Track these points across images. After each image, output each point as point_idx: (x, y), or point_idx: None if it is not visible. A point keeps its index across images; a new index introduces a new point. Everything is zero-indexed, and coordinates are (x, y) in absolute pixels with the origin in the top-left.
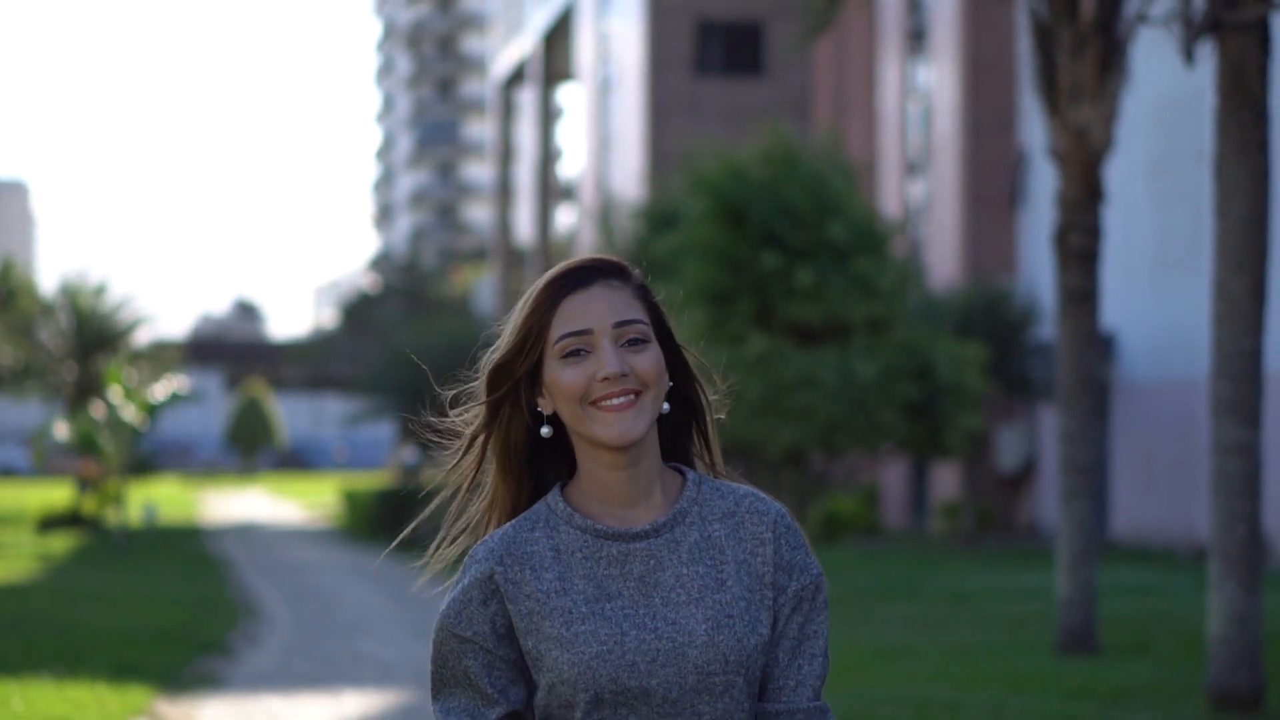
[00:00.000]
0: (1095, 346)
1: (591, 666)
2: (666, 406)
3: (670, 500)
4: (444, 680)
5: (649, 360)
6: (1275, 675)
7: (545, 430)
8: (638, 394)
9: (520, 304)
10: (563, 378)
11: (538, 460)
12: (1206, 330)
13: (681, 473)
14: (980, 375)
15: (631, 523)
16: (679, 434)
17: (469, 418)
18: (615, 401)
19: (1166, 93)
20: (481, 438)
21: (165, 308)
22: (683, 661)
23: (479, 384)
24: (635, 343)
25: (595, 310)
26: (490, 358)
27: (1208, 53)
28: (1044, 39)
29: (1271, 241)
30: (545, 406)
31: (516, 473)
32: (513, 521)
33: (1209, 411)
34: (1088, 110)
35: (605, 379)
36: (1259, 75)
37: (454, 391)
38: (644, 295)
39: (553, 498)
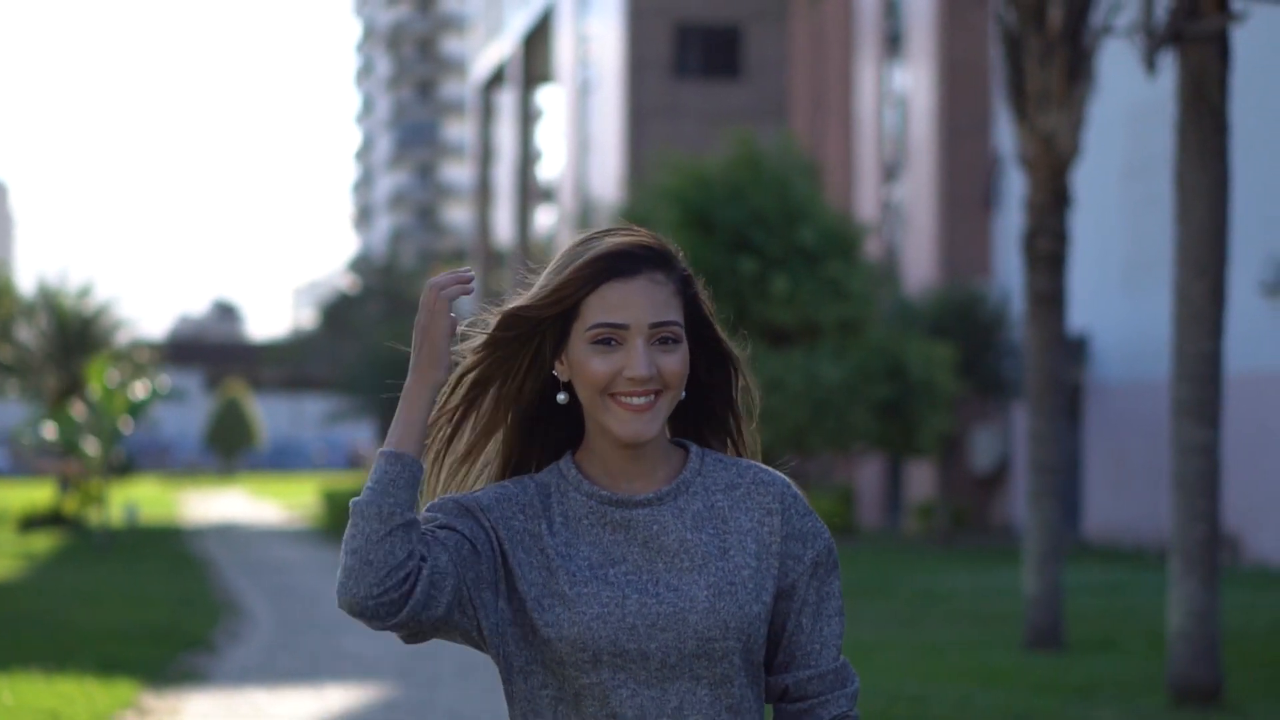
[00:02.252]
0: (1063, 348)
1: (591, 627)
2: (683, 394)
3: (673, 473)
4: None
5: (676, 362)
6: (1234, 669)
7: (561, 397)
8: (658, 394)
9: (559, 263)
10: (590, 364)
11: (544, 421)
12: None
13: (685, 448)
14: (951, 375)
15: (636, 492)
16: (693, 416)
17: (466, 350)
18: (636, 401)
19: (1138, 99)
20: (471, 375)
21: (144, 308)
22: (683, 626)
23: (490, 319)
24: (665, 342)
25: (636, 306)
26: (511, 302)
27: (1170, 63)
28: (1013, 47)
29: (1230, 247)
30: (563, 373)
31: (524, 427)
32: (531, 477)
33: (1170, 413)
34: (1055, 117)
35: (632, 379)
36: (1219, 85)
37: (468, 322)
38: (685, 288)
39: (564, 463)
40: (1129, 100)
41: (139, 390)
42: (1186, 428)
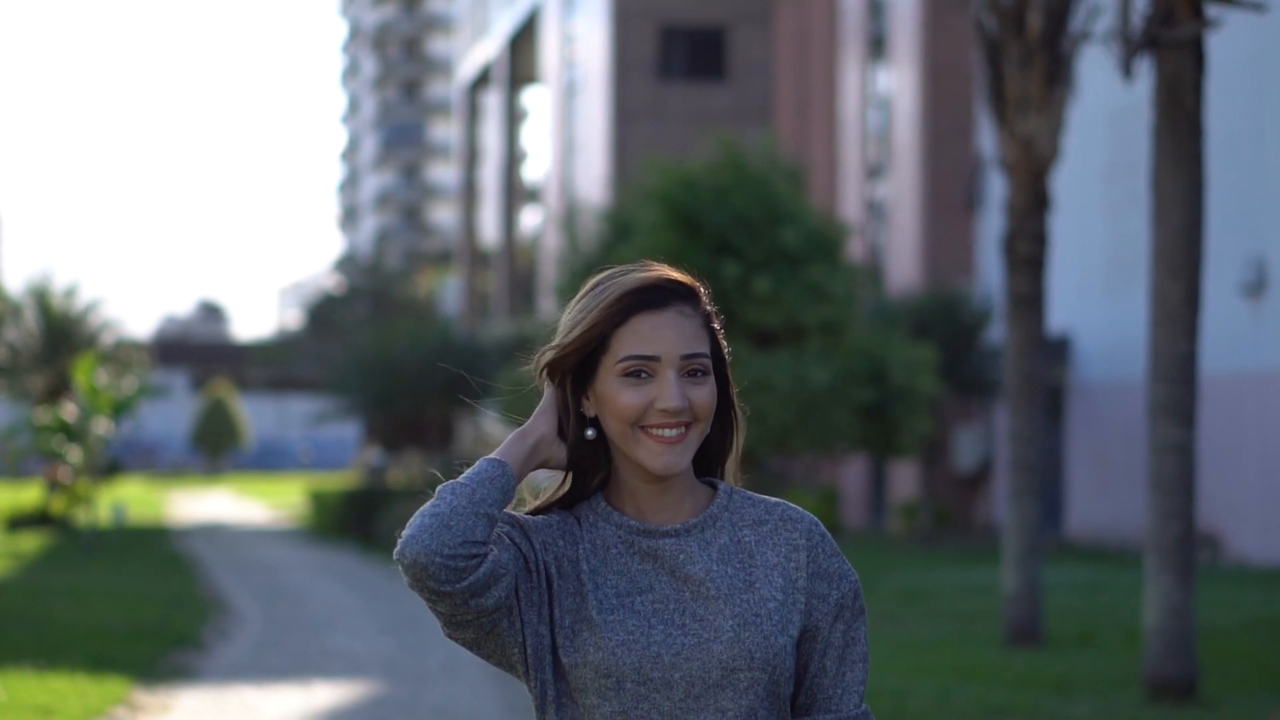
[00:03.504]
0: (1042, 349)
1: (615, 654)
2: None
3: (701, 507)
4: None
5: (706, 394)
6: (1210, 665)
7: (590, 433)
8: (688, 426)
9: (584, 300)
10: (621, 398)
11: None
12: None
13: (714, 486)
14: (933, 378)
15: (663, 523)
16: (713, 451)
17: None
18: (668, 433)
19: (1120, 102)
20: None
21: (129, 308)
22: (707, 656)
23: (535, 375)
24: (695, 374)
25: (666, 338)
26: (545, 353)
27: (1147, 68)
28: (993, 52)
29: (1210, 249)
30: (589, 410)
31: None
32: (567, 510)
33: (1145, 412)
34: (1035, 121)
35: (664, 410)
36: (1194, 91)
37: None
38: (708, 322)
39: (594, 500)
40: (1111, 103)
41: (126, 388)
42: (1162, 427)
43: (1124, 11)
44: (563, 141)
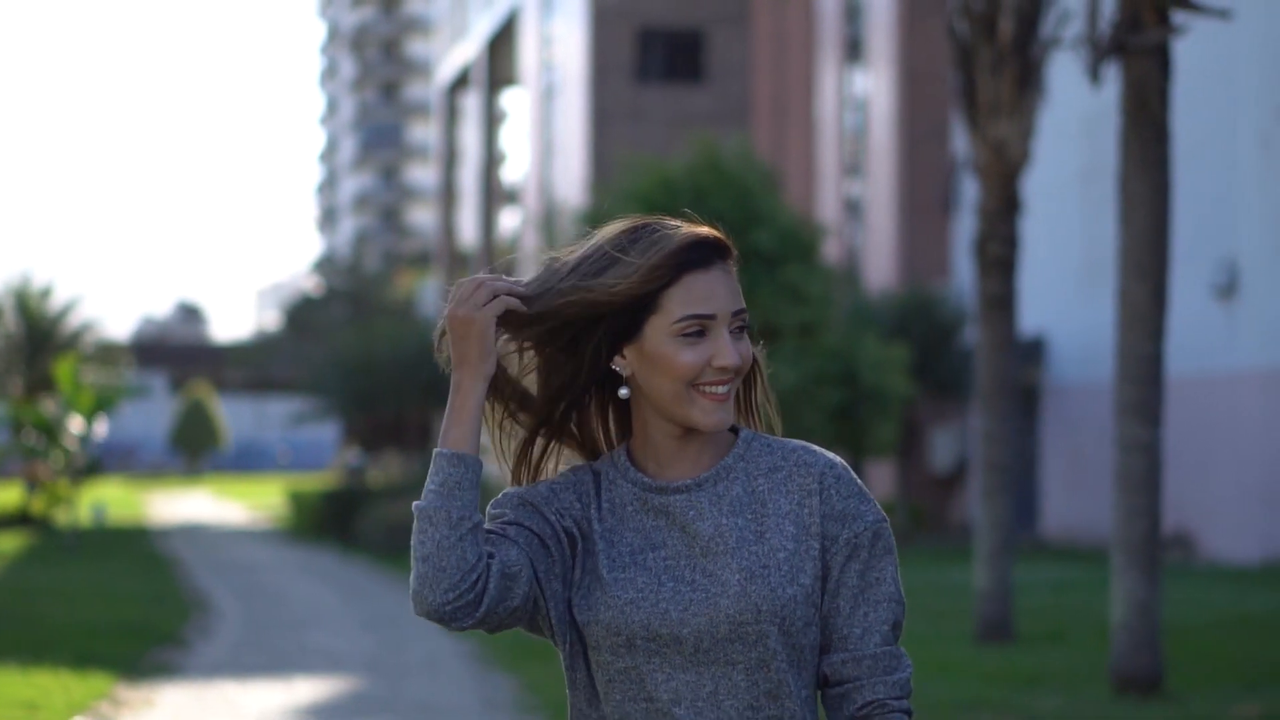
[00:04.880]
0: (1014, 350)
1: (625, 611)
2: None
3: (718, 457)
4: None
5: (748, 350)
6: (1177, 661)
7: (624, 391)
8: (730, 381)
9: (627, 246)
10: (682, 357)
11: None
12: None
13: (735, 431)
14: (904, 378)
15: (679, 477)
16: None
17: (519, 337)
18: (720, 390)
19: (1094, 106)
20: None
21: (107, 309)
22: (715, 611)
23: (558, 303)
24: (739, 330)
25: (720, 295)
26: (577, 291)
27: (1115, 73)
28: (965, 58)
29: (1181, 251)
30: (624, 367)
31: (565, 415)
32: (589, 465)
33: (1113, 412)
34: (1006, 126)
35: (722, 368)
36: (1160, 96)
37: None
38: None
39: (616, 453)
40: (1086, 107)
41: (108, 386)
42: (1129, 427)
43: (1092, 18)
44: (541, 143)
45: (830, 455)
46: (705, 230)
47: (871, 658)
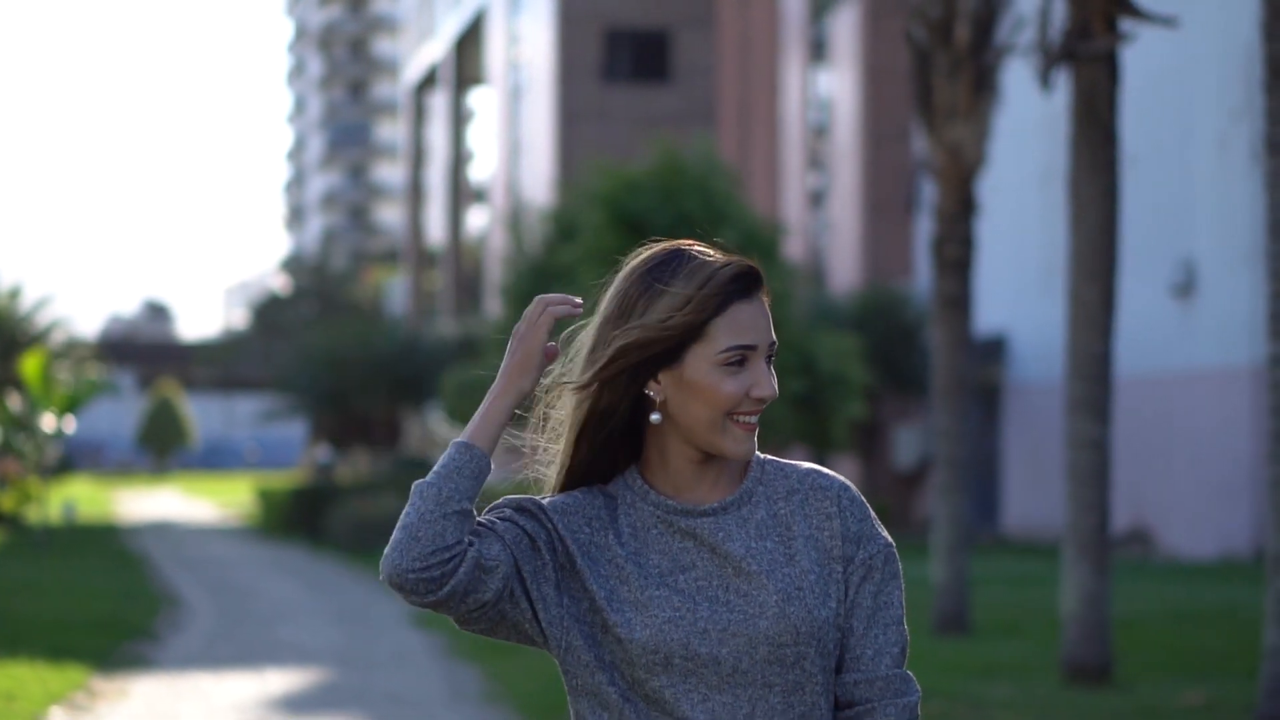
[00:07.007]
0: (970, 349)
1: (664, 630)
2: None
3: (736, 482)
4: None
5: (776, 381)
6: (1129, 652)
7: (655, 417)
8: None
9: (668, 278)
10: (724, 387)
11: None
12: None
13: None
14: (861, 365)
15: (701, 502)
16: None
17: (574, 377)
18: (753, 420)
19: (1054, 109)
20: (577, 402)
21: (74, 308)
22: (754, 632)
23: (604, 353)
24: (769, 360)
25: (761, 327)
26: (631, 334)
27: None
28: (922, 62)
29: (1136, 252)
30: (659, 393)
31: (598, 442)
32: (600, 488)
33: (1064, 409)
34: (962, 129)
35: (760, 399)
36: (1108, 102)
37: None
38: None
39: (630, 475)
40: (1044, 110)
41: (77, 383)
42: (1079, 423)
43: (1043, 26)
44: (508, 142)
45: (840, 478)
46: (748, 261)
47: (884, 680)
